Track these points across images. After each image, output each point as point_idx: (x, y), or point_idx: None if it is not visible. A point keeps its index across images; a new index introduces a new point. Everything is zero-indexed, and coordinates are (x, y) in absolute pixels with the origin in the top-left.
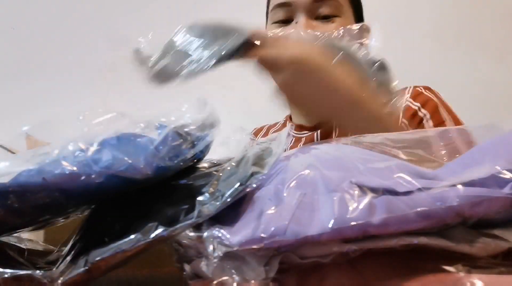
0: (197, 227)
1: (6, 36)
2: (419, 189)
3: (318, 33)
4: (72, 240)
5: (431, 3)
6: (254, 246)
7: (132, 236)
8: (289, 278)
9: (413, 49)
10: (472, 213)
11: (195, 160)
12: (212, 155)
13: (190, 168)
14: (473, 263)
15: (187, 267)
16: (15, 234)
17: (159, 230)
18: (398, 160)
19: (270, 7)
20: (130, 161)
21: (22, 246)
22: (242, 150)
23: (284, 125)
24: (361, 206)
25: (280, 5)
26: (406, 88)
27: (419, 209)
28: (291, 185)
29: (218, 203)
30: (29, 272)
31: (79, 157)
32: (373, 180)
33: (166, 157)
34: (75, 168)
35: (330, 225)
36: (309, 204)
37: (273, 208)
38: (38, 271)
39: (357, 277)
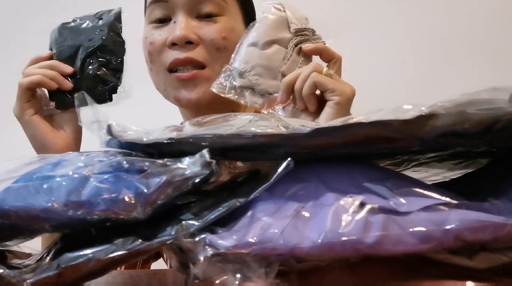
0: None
1: None
2: (420, 210)
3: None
4: (52, 244)
5: (429, 5)
6: (243, 251)
7: (107, 246)
8: (289, 280)
9: (411, 50)
10: (475, 239)
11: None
12: None
13: None
14: (473, 275)
15: (189, 269)
16: None
17: (136, 243)
18: (406, 177)
19: (147, 4)
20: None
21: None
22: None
23: None
24: (355, 222)
25: (156, 1)
26: None
27: (415, 229)
28: (290, 196)
29: (198, 223)
30: None
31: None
32: (373, 198)
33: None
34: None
35: (320, 240)
36: (306, 217)
37: (268, 216)
38: (8, 270)
39: (357, 281)
